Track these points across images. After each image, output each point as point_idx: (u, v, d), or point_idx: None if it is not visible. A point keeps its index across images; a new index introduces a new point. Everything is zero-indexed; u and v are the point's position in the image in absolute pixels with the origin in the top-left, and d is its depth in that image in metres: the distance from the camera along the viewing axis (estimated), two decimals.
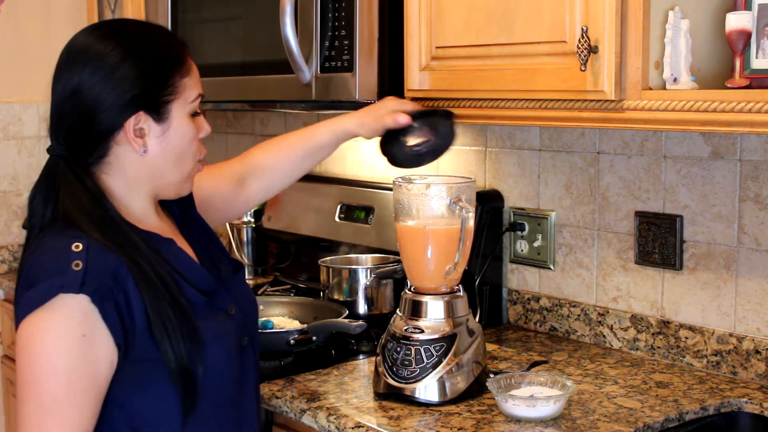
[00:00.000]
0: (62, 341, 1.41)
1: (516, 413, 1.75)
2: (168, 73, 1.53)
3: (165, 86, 1.52)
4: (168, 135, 1.54)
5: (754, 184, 1.97)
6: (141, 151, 1.52)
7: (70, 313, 1.41)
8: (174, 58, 1.55)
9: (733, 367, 2.01)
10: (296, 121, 3.08)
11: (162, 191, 1.60)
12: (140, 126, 1.51)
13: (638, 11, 1.70)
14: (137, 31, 1.56)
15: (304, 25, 2.20)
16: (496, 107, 1.95)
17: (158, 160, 1.54)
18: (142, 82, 1.50)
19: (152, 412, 1.52)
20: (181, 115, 1.55)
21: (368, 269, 2.39)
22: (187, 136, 1.56)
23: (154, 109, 1.51)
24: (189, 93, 1.55)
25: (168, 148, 1.54)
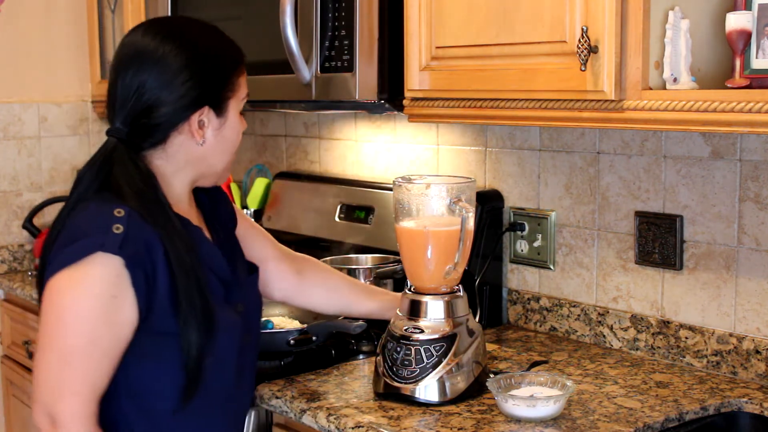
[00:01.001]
0: (93, 298, 1.50)
1: (516, 413, 1.75)
2: (230, 72, 1.67)
3: (226, 84, 1.66)
4: (224, 128, 1.68)
5: (754, 184, 1.97)
6: (200, 142, 1.64)
7: (104, 271, 1.49)
8: (234, 59, 1.70)
9: (733, 367, 2.01)
10: (296, 121, 3.09)
11: (204, 179, 1.72)
12: (203, 119, 1.64)
13: (638, 11, 1.70)
14: (202, 32, 1.70)
15: (304, 25, 2.20)
16: (496, 107, 1.95)
17: (212, 150, 1.67)
18: (209, 80, 1.63)
19: (152, 387, 1.60)
20: (235, 111, 1.69)
21: (368, 269, 2.39)
22: (237, 130, 1.71)
23: (216, 104, 1.65)
24: (242, 91, 1.70)
25: (222, 140, 1.68)
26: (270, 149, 3.22)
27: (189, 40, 1.64)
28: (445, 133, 2.59)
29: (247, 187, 3.16)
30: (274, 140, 3.20)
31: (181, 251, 1.56)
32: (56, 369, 1.50)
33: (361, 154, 2.85)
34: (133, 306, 1.52)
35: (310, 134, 3.05)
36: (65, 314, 1.50)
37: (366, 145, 2.84)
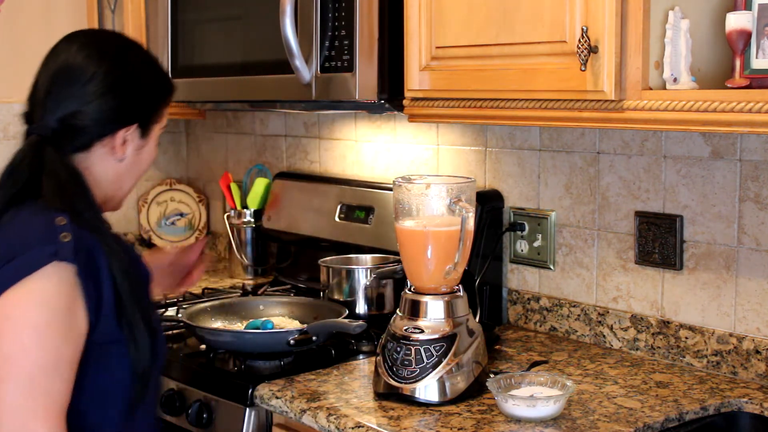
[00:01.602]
0: (52, 312, 1.43)
1: (516, 413, 1.75)
2: (161, 99, 1.70)
3: (157, 109, 1.69)
4: (143, 151, 1.68)
5: (754, 184, 1.97)
6: (121, 159, 1.64)
7: (59, 282, 1.44)
8: (167, 88, 1.73)
9: (733, 367, 2.01)
10: (296, 121, 3.09)
11: (109, 201, 1.70)
12: (128, 137, 1.63)
13: (638, 11, 1.70)
14: (142, 56, 1.70)
15: (304, 25, 2.20)
16: (496, 107, 1.95)
17: (126, 171, 1.67)
18: (145, 100, 1.66)
19: (96, 400, 1.53)
20: (155, 138, 1.71)
21: (368, 269, 2.39)
22: (152, 157, 1.72)
23: (144, 125, 1.66)
24: (164, 121, 1.72)
25: (138, 162, 1.68)
26: (270, 149, 3.22)
27: (126, 61, 1.64)
28: (445, 133, 2.58)
29: (247, 187, 3.16)
30: (274, 140, 3.20)
31: (121, 256, 1.53)
32: (22, 394, 1.39)
33: (361, 154, 2.85)
34: (85, 316, 1.47)
35: (310, 134, 3.04)
36: (24, 334, 1.41)
37: (366, 145, 2.83)
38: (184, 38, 2.65)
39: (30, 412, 1.40)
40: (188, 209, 3.53)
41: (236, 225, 3.09)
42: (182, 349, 2.31)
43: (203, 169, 3.55)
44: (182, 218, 3.52)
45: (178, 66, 2.67)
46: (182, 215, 3.52)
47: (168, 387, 2.18)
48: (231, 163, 3.40)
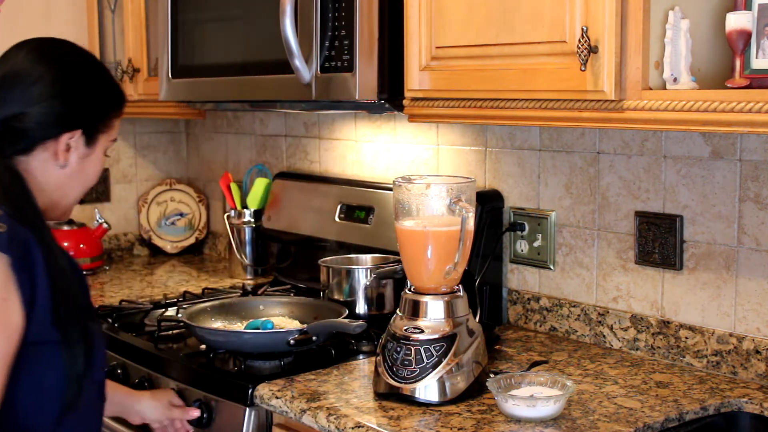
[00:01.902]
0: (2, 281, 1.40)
1: (516, 413, 1.75)
2: (110, 109, 1.68)
3: (104, 118, 1.66)
4: (88, 160, 1.65)
5: (754, 184, 1.97)
6: (63, 164, 1.61)
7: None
8: (119, 100, 1.71)
9: (733, 367, 2.01)
10: (296, 121, 3.09)
11: (52, 209, 1.66)
12: (71, 143, 1.61)
13: (638, 11, 1.70)
14: (93, 65, 1.68)
15: (304, 25, 2.20)
16: (496, 107, 1.94)
17: (69, 178, 1.63)
18: (91, 106, 1.63)
19: (27, 403, 1.49)
20: (102, 149, 1.68)
21: (368, 269, 2.39)
22: (98, 167, 1.68)
23: (89, 133, 1.63)
24: (114, 133, 1.70)
25: (82, 171, 1.65)
26: (270, 149, 3.22)
27: (74, 68, 1.63)
28: (445, 133, 2.59)
29: (247, 187, 3.16)
30: (274, 140, 3.20)
31: (58, 254, 1.51)
32: None
33: (361, 154, 2.85)
34: (20, 309, 1.43)
35: (310, 134, 3.04)
36: None
37: (366, 145, 2.83)
38: (184, 38, 2.65)
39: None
40: (188, 209, 3.53)
41: (236, 225, 3.09)
42: (182, 349, 2.31)
43: (203, 169, 3.55)
44: (182, 218, 3.52)
45: (178, 66, 2.67)
46: (182, 215, 3.53)
47: (168, 387, 2.18)
48: (231, 163, 3.40)
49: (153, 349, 2.30)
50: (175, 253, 3.51)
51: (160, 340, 2.34)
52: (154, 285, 3.03)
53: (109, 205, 3.47)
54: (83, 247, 3.19)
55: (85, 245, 3.20)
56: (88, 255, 3.20)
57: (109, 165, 3.45)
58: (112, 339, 2.41)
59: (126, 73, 3.04)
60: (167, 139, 3.59)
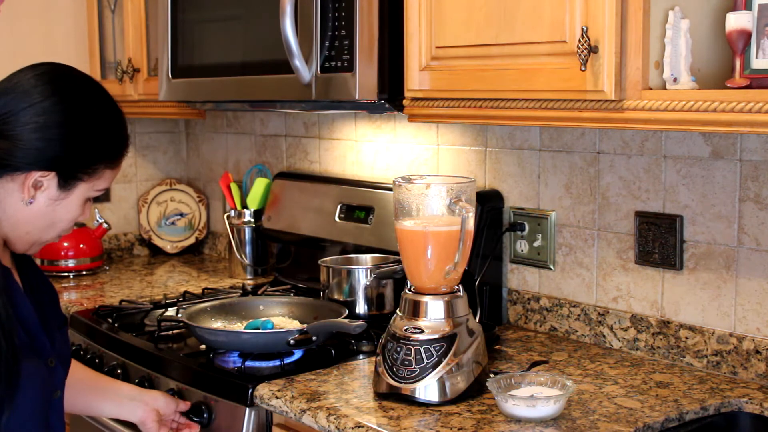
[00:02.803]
0: None
1: (516, 413, 1.75)
2: (99, 158, 1.55)
3: (88, 166, 1.54)
4: (60, 204, 1.54)
5: (754, 184, 1.97)
6: (27, 201, 1.50)
7: None
8: (113, 149, 1.58)
9: (733, 367, 2.01)
10: (296, 121, 3.09)
11: (14, 241, 1.56)
12: (41, 181, 1.50)
13: (638, 11, 1.70)
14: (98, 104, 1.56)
15: (304, 25, 2.20)
16: (496, 107, 1.94)
17: (34, 217, 1.53)
18: (75, 151, 1.51)
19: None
20: (81, 196, 1.56)
21: (368, 269, 2.39)
22: (72, 214, 1.57)
23: (64, 177, 1.52)
24: (101, 183, 1.57)
25: (51, 213, 1.53)
26: (270, 149, 3.22)
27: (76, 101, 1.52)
28: (445, 133, 2.59)
29: (247, 187, 3.16)
30: (274, 140, 3.21)
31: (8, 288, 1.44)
32: None
33: (361, 154, 2.85)
34: None
35: (310, 134, 3.04)
36: None
37: (366, 145, 2.83)
38: (184, 38, 2.65)
39: None
40: (188, 209, 3.53)
41: (236, 225, 3.09)
42: (182, 349, 2.31)
43: (203, 169, 3.55)
44: (182, 218, 3.52)
45: (178, 66, 2.67)
46: (182, 215, 3.53)
47: (168, 387, 2.18)
48: (231, 163, 3.40)
49: (153, 349, 2.30)
50: (175, 253, 3.51)
51: (160, 340, 2.34)
52: (154, 285, 3.03)
53: (109, 205, 3.47)
54: (83, 247, 3.19)
55: (85, 245, 3.20)
56: (88, 255, 3.21)
57: None
58: (112, 339, 2.41)
59: (126, 73, 3.04)
60: (167, 139, 3.59)
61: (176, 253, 3.50)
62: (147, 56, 2.98)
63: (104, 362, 2.41)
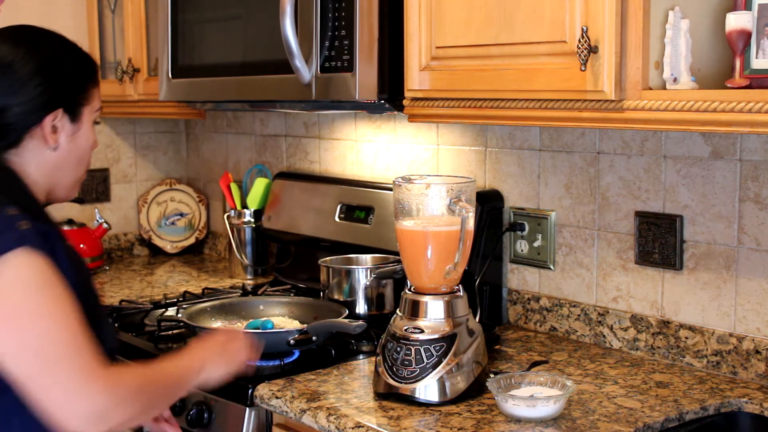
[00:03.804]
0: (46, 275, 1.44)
1: (516, 413, 1.75)
2: (86, 80, 1.68)
3: (82, 90, 1.66)
4: (77, 136, 1.66)
5: (754, 184, 1.97)
6: (52, 147, 1.62)
7: (34, 262, 1.43)
8: (89, 68, 1.70)
9: (733, 367, 2.01)
10: (296, 121, 3.09)
11: (55, 191, 1.68)
12: (56, 123, 1.62)
13: (638, 11, 1.70)
14: (56, 40, 1.69)
15: (304, 25, 2.20)
16: (496, 107, 1.94)
17: (64, 158, 1.65)
18: (64, 84, 1.63)
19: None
20: (89, 121, 1.68)
21: (368, 269, 2.39)
22: (90, 140, 1.69)
23: (71, 109, 1.64)
24: (96, 102, 1.70)
25: (75, 148, 1.66)
26: (270, 149, 3.22)
27: (42, 46, 1.63)
28: (445, 133, 2.59)
29: (247, 187, 3.16)
30: (274, 140, 3.20)
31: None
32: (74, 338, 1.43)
33: (361, 154, 2.85)
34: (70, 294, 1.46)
35: (310, 134, 3.05)
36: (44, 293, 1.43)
37: (366, 145, 2.84)
38: (184, 38, 2.65)
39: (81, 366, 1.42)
40: (188, 209, 3.53)
41: (236, 225, 3.09)
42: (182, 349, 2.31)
43: (203, 169, 3.55)
44: (182, 218, 3.52)
45: (178, 66, 2.67)
46: (182, 215, 3.53)
47: None
48: (231, 163, 3.40)
49: (153, 349, 2.29)
50: (175, 253, 3.51)
51: (160, 340, 2.34)
52: (154, 285, 3.03)
53: (109, 205, 3.47)
54: (83, 247, 3.19)
55: (85, 245, 3.20)
56: (88, 255, 3.21)
57: (109, 165, 3.45)
58: None
59: (126, 73, 3.04)
60: (167, 139, 3.59)
61: (176, 253, 3.51)
62: (147, 56, 2.98)
63: None
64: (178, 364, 1.66)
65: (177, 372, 1.63)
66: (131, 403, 1.47)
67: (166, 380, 1.60)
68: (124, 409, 1.45)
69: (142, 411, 1.51)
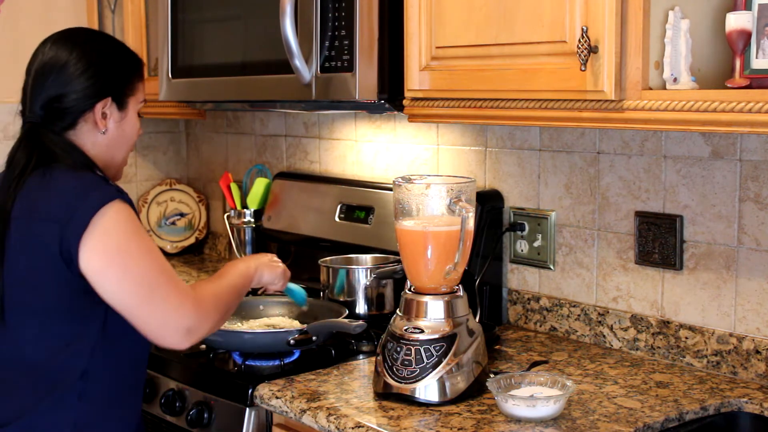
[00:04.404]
0: (138, 222, 1.74)
1: (516, 413, 1.75)
2: (131, 75, 1.90)
3: (128, 83, 1.88)
4: (124, 123, 1.88)
5: (754, 184, 1.97)
6: (102, 131, 1.84)
7: (129, 210, 1.72)
8: (136, 65, 1.93)
9: (733, 367, 2.01)
10: (296, 121, 3.09)
11: (107, 171, 1.89)
12: (106, 110, 1.84)
13: (638, 11, 1.70)
14: (110, 41, 1.94)
15: (304, 25, 2.20)
16: (496, 107, 1.95)
17: (113, 141, 1.87)
18: (112, 76, 1.85)
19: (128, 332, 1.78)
20: (134, 111, 1.91)
21: (368, 269, 2.39)
22: (135, 127, 1.92)
23: (118, 98, 1.86)
24: (140, 95, 1.92)
25: (122, 133, 1.88)
26: (270, 149, 3.22)
27: (92, 46, 1.86)
28: (445, 133, 2.59)
29: (247, 187, 3.16)
30: (274, 140, 3.20)
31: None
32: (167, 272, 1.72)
33: (361, 154, 2.85)
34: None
35: (310, 134, 3.04)
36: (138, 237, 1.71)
37: (366, 145, 2.83)
38: (184, 38, 2.65)
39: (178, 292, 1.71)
40: (188, 209, 3.53)
41: (236, 225, 3.09)
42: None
43: (203, 169, 3.55)
44: (182, 218, 3.52)
45: (178, 66, 2.67)
46: (182, 215, 3.53)
47: (168, 387, 2.18)
48: (231, 163, 3.40)
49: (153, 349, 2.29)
50: (175, 253, 3.50)
51: None
52: None
53: None
54: None
55: None
56: None
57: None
58: None
59: None
60: (167, 139, 3.59)
61: (176, 253, 3.50)
62: (147, 56, 2.98)
63: None
64: (238, 273, 1.92)
65: (239, 281, 1.91)
66: (213, 316, 1.77)
67: (233, 289, 1.87)
68: (209, 322, 1.76)
69: (220, 320, 1.81)
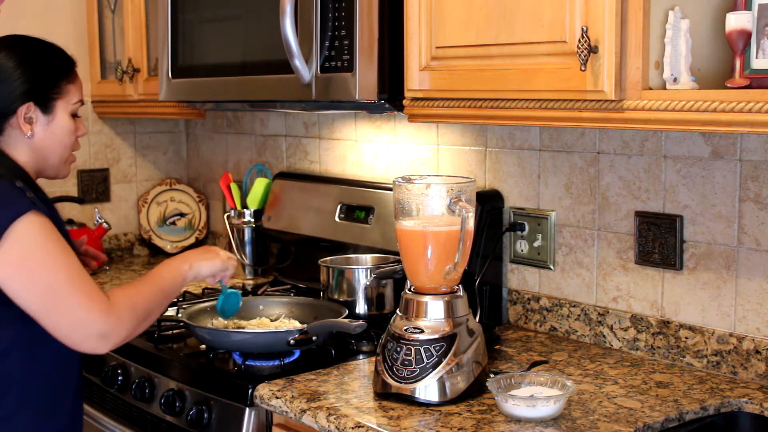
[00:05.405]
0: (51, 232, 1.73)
1: (516, 413, 1.75)
2: (57, 77, 1.90)
3: (53, 86, 1.89)
4: (51, 125, 1.90)
5: (754, 184, 1.97)
6: (28, 135, 1.87)
7: (44, 223, 1.72)
8: (63, 67, 1.93)
9: (733, 367, 2.01)
10: (296, 121, 3.09)
11: (44, 171, 1.93)
12: (29, 115, 1.87)
13: (638, 11, 1.70)
14: (34, 43, 1.93)
15: (304, 25, 2.20)
16: (496, 107, 1.95)
17: (43, 144, 1.89)
18: (34, 80, 1.87)
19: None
20: (64, 112, 1.91)
21: (368, 269, 2.39)
22: (66, 129, 1.92)
23: (42, 103, 1.88)
24: (71, 96, 1.93)
25: (51, 136, 1.90)
26: (270, 149, 3.22)
27: (16, 49, 1.88)
28: (445, 133, 2.59)
29: (247, 187, 3.16)
30: (274, 140, 3.21)
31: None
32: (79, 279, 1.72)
33: (361, 154, 2.85)
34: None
35: (310, 134, 3.05)
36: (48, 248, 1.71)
37: (366, 145, 2.84)
38: (184, 38, 2.65)
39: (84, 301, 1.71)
40: (188, 209, 3.53)
41: (236, 225, 3.09)
42: (182, 349, 2.31)
43: (203, 169, 3.55)
44: (182, 218, 3.52)
45: (178, 66, 2.67)
46: (182, 215, 3.53)
47: (168, 387, 2.18)
48: (231, 163, 3.40)
49: (153, 349, 2.30)
50: (175, 253, 3.49)
51: (160, 340, 2.34)
52: None
53: (109, 205, 3.47)
54: None
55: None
56: None
57: (109, 165, 3.45)
58: None
59: (126, 73, 3.04)
60: (167, 139, 3.59)
61: (176, 253, 3.50)
62: (147, 56, 2.98)
63: (105, 362, 2.41)
64: (166, 273, 1.90)
65: (166, 282, 1.89)
66: (129, 319, 1.77)
67: (157, 291, 1.86)
68: (124, 326, 1.76)
69: (140, 323, 1.80)
